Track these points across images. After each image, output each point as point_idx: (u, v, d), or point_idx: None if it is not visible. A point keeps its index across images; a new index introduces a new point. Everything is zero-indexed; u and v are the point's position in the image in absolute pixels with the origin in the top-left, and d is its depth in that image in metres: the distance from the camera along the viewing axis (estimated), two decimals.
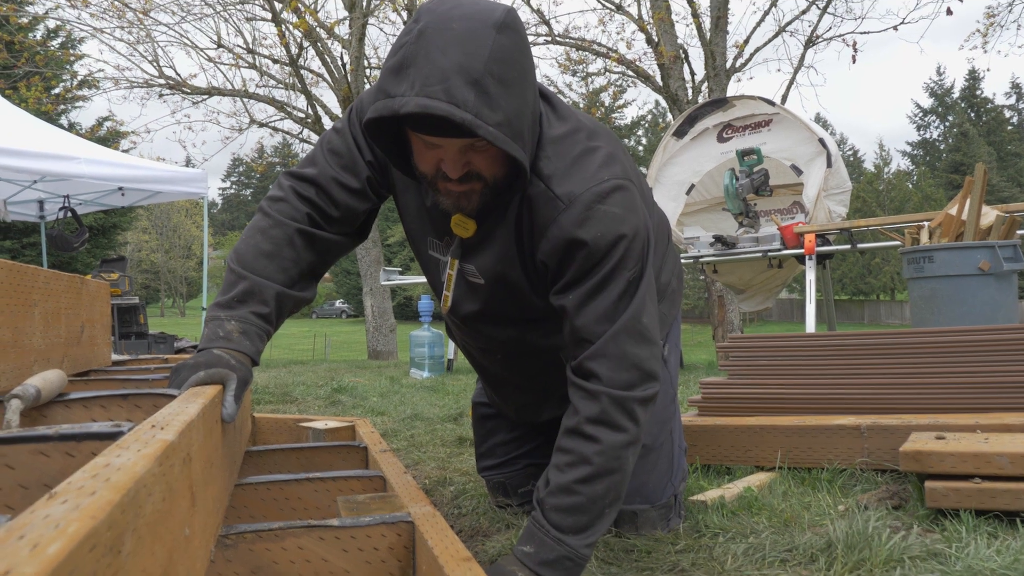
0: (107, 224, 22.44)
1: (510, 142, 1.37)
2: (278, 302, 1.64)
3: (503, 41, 1.35)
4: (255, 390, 5.51)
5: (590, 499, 1.51)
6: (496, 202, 1.59)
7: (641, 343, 1.55)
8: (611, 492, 1.53)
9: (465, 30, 1.34)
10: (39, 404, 1.34)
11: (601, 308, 1.54)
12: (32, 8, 15.17)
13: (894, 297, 44.97)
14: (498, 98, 1.34)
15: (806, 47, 12.57)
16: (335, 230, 1.73)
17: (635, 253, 1.54)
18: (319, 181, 1.70)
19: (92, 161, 8.45)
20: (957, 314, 4.24)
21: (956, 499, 1.84)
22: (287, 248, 1.66)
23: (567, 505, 1.51)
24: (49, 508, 0.57)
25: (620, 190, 1.54)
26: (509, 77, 1.36)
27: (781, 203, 7.65)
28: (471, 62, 1.32)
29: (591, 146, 1.58)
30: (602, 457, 1.52)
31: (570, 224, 1.51)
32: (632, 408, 1.53)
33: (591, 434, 1.53)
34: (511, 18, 1.39)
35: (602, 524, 1.54)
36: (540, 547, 1.51)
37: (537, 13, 13.21)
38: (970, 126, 51.34)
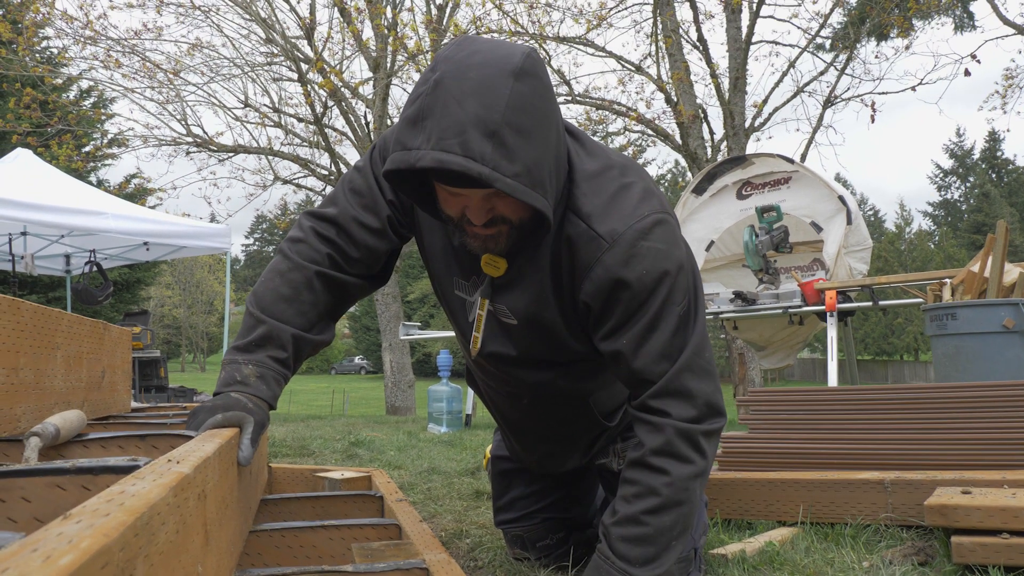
0: (131, 279, 22.73)
1: (530, 192, 1.36)
2: (296, 346, 1.63)
3: (521, 88, 1.34)
4: (272, 443, 5.49)
5: (657, 530, 1.52)
6: (526, 242, 1.57)
7: (704, 378, 1.56)
8: (678, 524, 1.54)
9: (482, 79, 1.33)
10: (58, 443, 1.34)
11: (658, 346, 1.54)
12: (66, 69, 15.60)
13: (918, 357, 44.43)
14: (516, 149, 1.33)
15: (824, 107, 12.66)
16: (355, 271, 1.72)
17: (682, 286, 1.54)
18: (339, 221, 1.69)
19: (119, 216, 8.62)
20: (982, 371, 4.18)
21: (984, 555, 1.80)
22: (306, 292, 1.66)
23: (634, 535, 1.52)
24: (63, 527, 0.57)
25: (661, 224, 1.54)
26: (528, 125, 1.34)
27: (801, 260, 7.63)
28: (488, 114, 1.31)
29: (626, 182, 1.57)
30: (670, 489, 1.52)
31: (615, 263, 1.51)
32: (698, 440, 1.54)
33: (658, 466, 1.53)
34: (530, 63, 1.38)
35: (668, 557, 1.54)
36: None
37: (558, 74, 13.43)
38: (991, 187, 51.23)
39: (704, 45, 12.62)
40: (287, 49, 13.03)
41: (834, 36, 14.11)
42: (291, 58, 13.07)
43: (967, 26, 15.68)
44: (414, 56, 12.76)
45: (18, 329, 1.46)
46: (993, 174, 53.93)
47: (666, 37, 12.35)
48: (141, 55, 13.17)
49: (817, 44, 13.71)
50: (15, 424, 1.44)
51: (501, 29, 12.83)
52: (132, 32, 13.37)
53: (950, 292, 4.70)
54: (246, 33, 14.05)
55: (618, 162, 1.62)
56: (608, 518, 1.58)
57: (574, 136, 1.63)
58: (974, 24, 15.73)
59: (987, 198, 50.14)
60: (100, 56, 13.09)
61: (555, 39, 12.92)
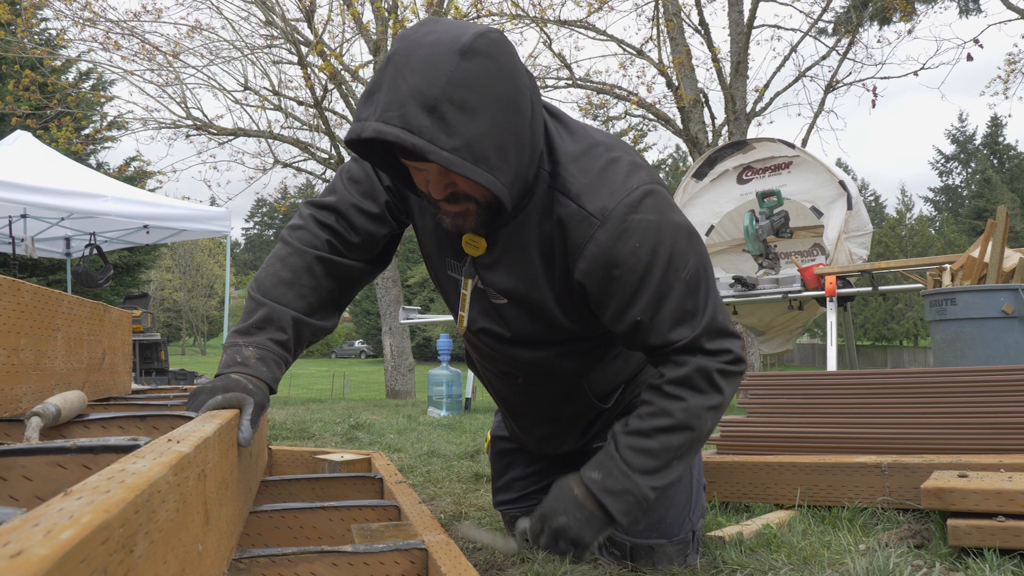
0: (131, 262, 22.73)
1: (469, 166, 1.38)
2: (296, 329, 1.66)
3: (467, 66, 1.37)
4: (272, 425, 5.51)
5: (664, 447, 1.60)
6: (498, 221, 1.60)
7: (722, 338, 1.62)
8: (684, 447, 1.62)
9: (428, 55, 1.37)
10: (59, 423, 1.35)
11: (670, 315, 1.58)
12: (65, 51, 15.53)
13: (917, 343, 44.48)
14: (456, 123, 1.36)
15: (826, 92, 12.62)
16: (355, 256, 1.77)
17: (681, 252, 1.56)
18: (339, 208, 1.74)
19: (119, 199, 8.61)
20: (980, 357, 4.19)
21: (979, 537, 1.81)
22: (306, 276, 1.69)
23: (641, 447, 1.60)
24: (64, 502, 0.57)
25: (650, 195, 1.56)
26: (472, 102, 1.37)
27: (801, 245, 7.63)
28: (429, 88, 1.35)
29: (612, 157, 1.59)
30: (684, 413, 1.60)
31: (608, 240, 1.53)
32: (714, 377, 1.61)
33: (674, 393, 1.61)
34: (481, 43, 1.40)
35: (668, 474, 1.62)
36: (607, 476, 1.61)
37: (559, 57, 13.37)
38: (993, 172, 51.11)
39: (706, 29, 12.56)
40: (287, 32, 12.98)
41: (836, 20, 14.05)
42: (291, 41, 13.01)
43: (971, 10, 15.61)
44: None
45: (19, 310, 1.47)
46: (995, 160, 53.79)
47: (667, 20, 12.29)
48: (140, 37, 13.12)
49: (819, 28, 13.66)
50: (16, 404, 1.45)
51: (502, 12, 12.76)
52: (131, 14, 13.32)
53: (950, 277, 4.70)
54: (246, 15, 13.96)
55: (602, 140, 1.64)
56: (619, 427, 1.66)
57: (556, 118, 1.65)
58: (979, 8, 15.65)
59: (988, 184, 50.04)
60: (99, 38, 13.05)
61: (556, 22, 12.85)
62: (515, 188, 1.50)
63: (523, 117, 1.47)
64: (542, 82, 13.72)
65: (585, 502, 1.62)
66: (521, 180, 1.52)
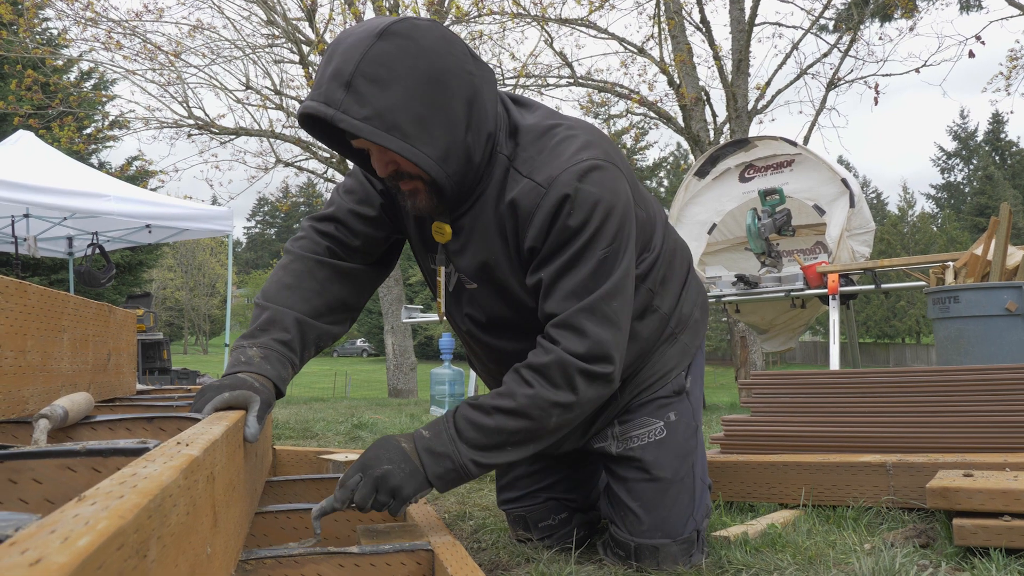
0: (133, 261, 22.72)
1: (380, 133, 1.49)
2: (300, 329, 1.72)
3: (383, 46, 1.50)
4: (275, 425, 5.52)
5: (498, 427, 1.62)
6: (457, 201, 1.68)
7: (603, 324, 1.62)
8: (520, 435, 1.63)
9: (351, 41, 1.52)
10: (66, 425, 1.35)
11: (571, 285, 1.62)
12: (67, 51, 15.53)
13: (920, 341, 44.45)
14: (368, 95, 1.48)
15: (828, 89, 12.60)
16: (357, 260, 1.84)
17: (609, 231, 1.61)
18: (337, 216, 1.84)
19: (121, 199, 8.62)
20: (984, 355, 4.19)
21: (985, 537, 1.81)
22: (308, 279, 1.78)
23: (477, 421, 1.62)
24: (79, 508, 0.57)
25: (597, 169, 1.62)
26: (385, 76, 1.49)
27: (804, 243, 7.63)
28: (346, 67, 1.49)
29: (569, 135, 1.68)
30: (528, 401, 1.62)
31: (551, 205, 1.60)
32: (573, 376, 1.61)
33: (527, 379, 1.63)
34: (401, 26, 1.53)
35: (499, 456, 1.64)
36: (435, 438, 1.63)
37: (560, 56, 13.36)
38: (995, 169, 51.05)
39: (707, 27, 12.55)
40: (288, 31, 12.98)
41: (838, 17, 14.04)
42: (292, 40, 13.02)
43: (972, 6, 15.58)
44: None
45: (25, 312, 1.47)
46: (997, 156, 53.72)
47: (669, 18, 12.28)
48: (142, 36, 13.12)
49: (820, 25, 13.64)
50: (23, 406, 1.45)
51: (503, 11, 12.76)
52: (133, 13, 13.31)
53: (953, 275, 4.70)
54: (247, 14, 13.99)
55: (565, 122, 1.72)
56: (469, 399, 1.69)
57: (521, 105, 1.76)
58: (980, 4, 15.62)
59: (990, 180, 49.98)
60: (101, 38, 13.05)
61: (557, 20, 12.84)
62: (451, 164, 1.59)
63: (450, 94, 1.55)
64: (543, 80, 13.72)
65: (411, 455, 1.62)
66: (460, 157, 1.60)
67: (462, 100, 1.57)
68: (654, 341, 1.94)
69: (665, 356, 1.96)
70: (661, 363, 1.95)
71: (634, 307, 1.85)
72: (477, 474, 1.64)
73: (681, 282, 1.99)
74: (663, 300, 1.93)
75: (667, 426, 1.93)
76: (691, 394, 1.99)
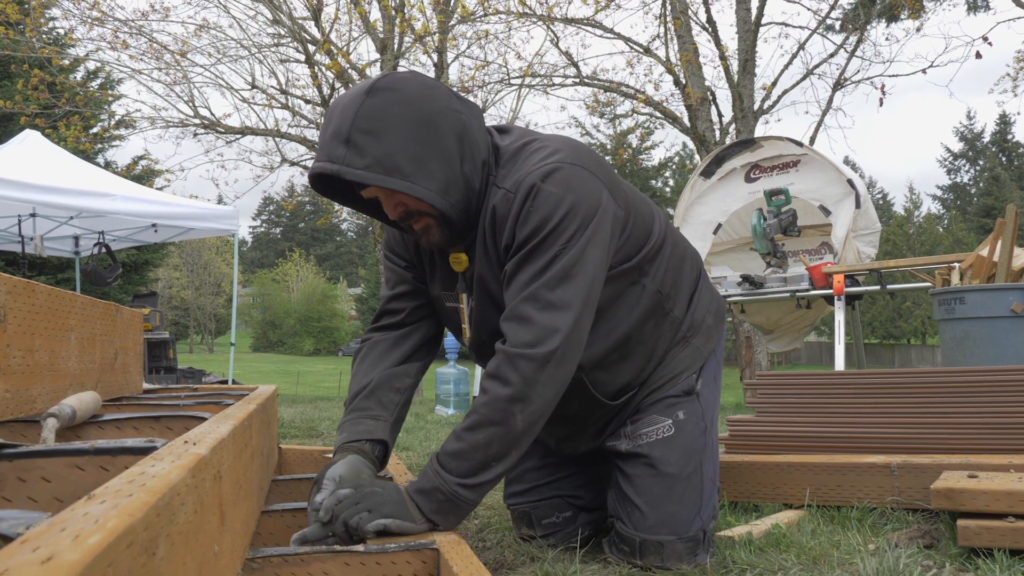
0: (139, 260, 22.78)
1: (382, 177, 1.63)
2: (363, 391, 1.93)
3: (373, 101, 1.64)
4: (280, 424, 5.53)
5: (471, 446, 1.66)
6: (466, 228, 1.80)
7: (547, 310, 1.67)
8: (493, 444, 1.66)
9: (344, 103, 1.67)
10: (74, 424, 1.36)
11: (524, 278, 1.70)
12: (73, 50, 15.57)
13: (925, 342, 44.32)
14: (365, 146, 1.62)
15: (834, 90, 12.57)
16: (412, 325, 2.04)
17: (568, 229, 1.68)
18: (384, 309, 2.06)
19: (127, 198, 8.63)
20: (989, 356, 4.18)
21: (989, 538, 1.81)
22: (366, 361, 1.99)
23: (452, 450, 1.67)
24: (88, 507, 0.58)
25: (559, 171, 1.70)
26: (378, 127, 1.63)
27: (809, 244, 7.62)
28: (343, 125, 1.63)
29: (539, 147, 1.79)
30: (486, 408, 1.67)
31: (517, 205, 1.70)
32: (519, 364, 1.65)
33: (484, 387, 1.70)
34: (384, 82, 1.68)
35: (486, 475, 1.67)
36: (422, 477, 1.69)
37: (566, 55, 13.35)
38: (1001, 170, 50.86)
39: (713, 27, 12.52)
40: (294, 30, 12.99)
41: (844, 17, 14.00)
42: (298, 39, 13.02)
43: (979, 7, 15.53)
44: (421, 38, 12.71)
45: (33, 311, 1.48)
46: (1003, 157, 53.51)
47: (675, 18, 12.27)
48: (148, 36, 13.14)
49: (827, 26, 13.61)
50: (31, 405, 1.46)
51: (509, 10, 12.76)
52: (139, 13, 13.36)
53: (958, 276, 4.69)
54: (253, 14, 14.02)
55: (541, 138, 1.84)
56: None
57: (504, 132, 1.89)
58: (988, 5, 15.57)
59: (997, 182, 49.81)
60: (107, 37, 13.07)
61: (563, 20, 12.83)
62: (452, 194, 1.71)
63: (441, 132, 1.68)
64: (549, 80, 13.72)
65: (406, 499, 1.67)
66: (460, 187, 1.72)
67: (452, 136, 1.70)
68: (667, 344, 1.99)
69: (677, 359, 2.00)
70: (672, 365, 2.00)
71: (644, 310, 1.91)
72: (473, 499, 1.66)
73: (691, 288, 2.05)
74: (674, 304, 1.98)
75: (675, 424, 1.95)
76: (701, 395, 2.00)
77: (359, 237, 68.93)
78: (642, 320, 1.92)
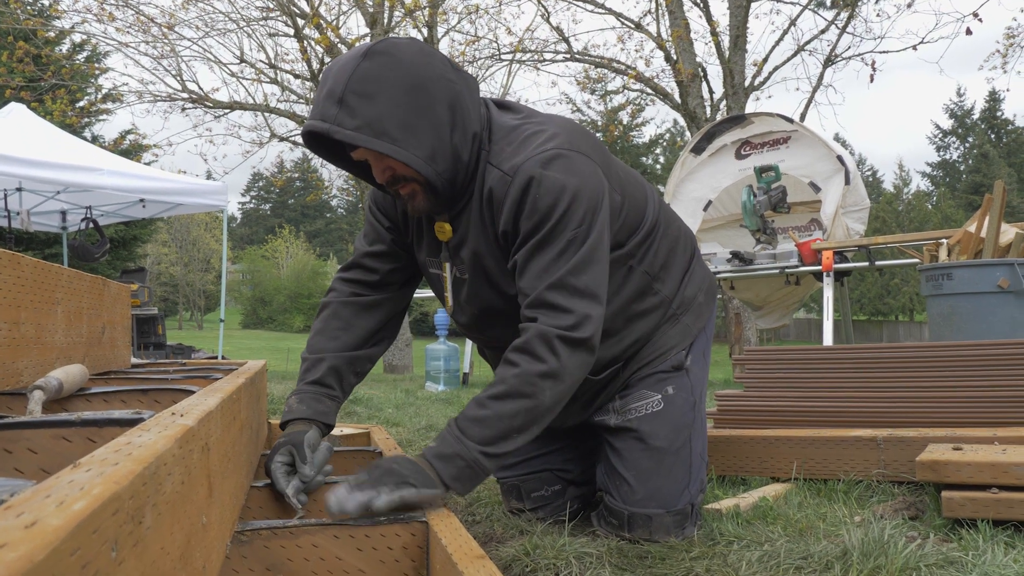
0: (127, 236, 22.64)
1: (371, 139, 1.64)
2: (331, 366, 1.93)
3: (368, 64, 1.66)
4: (271, 400, 5.53)
5: (497, 415, 1.64)
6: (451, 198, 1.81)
7: (575, 297, 1.69)
8: (520, 416, 1.65)
9: (341, 64, 1.69)
10: (61, 397, 1.36)
11: (541, 265, 1.71)
12: (59, 22, 15.38)
13: (913, 318, 44.55)
14: (357, 108, 1.64)
15: (825, 66, 12.55)
16: (382, 292, 2.03)
17: (576, 214, 1.70)
18: (357, 262, 2.05)
19: (115, 172, 8.56)
20: (976, 332, 4.21)
21: (973, 509, 1.83)
22: (333, 320, 1.99)
23: (475, 416, 1.66)
24: (74, 475, 0.58)
25: (561, 157, 1.72)
26: (371, 90, 1.65)
27: (799, 220, 7.63)
28: (337, 86, 1.65)
29: (537, 129, 1.79)
30: (517, 380, 1.66)
31: (518, 190, 1.71)
32: (553, 342, 1.67)
33: (512, 360, 1.69)
34: (383, 46, 1.70)
35: (507, 444, 1.66)
36: (441, 442, 1.66)
37: (556, 31, 13.28)
38: (990, 147, 50.94)
39: (704, 2, 12.47)
40: (283, 3, 12.85)
41: None
42: (287, 13, 12.90)
43: None
44: (411, 12, 12.61)
45: (19, 284, 1.47)
46: (992, 135, 53.58)
47: None
48: (135, 8, 12.98)
49: (818, 2, 13.55)
50: (17, 378, 1.46)
51: None
52: None
53: (946, 252, 4.71)
54: None
55: (539, 118, 1.85)
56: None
57: (504, 107, 1.90)
58: None
59: (986, 159, 49.90)
60: (93, 9, 12.91)
61: None
62: (439, 162, 1.71)
63: (432, 100, 1.69)
64: (540, 56, 13.64)
65: (423, 466, 1.60)
66: (448, 156, 1.72)
67: (444, 105, 1.71)
68: (656, 322, 2.00)
69: (666, 336, 2.01)
70: (662, 342, 2.01)
71: (632, 290, 1.93)
72: (491, 468, 1.65)
73: (684, 267, 2.06)
74: (664, 284, 1.99)
75: (665, 399, 1.96)
76: (690, 371, 2.02)
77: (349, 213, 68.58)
78: (629, 300, 1.93)
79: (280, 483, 1.71)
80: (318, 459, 1.75)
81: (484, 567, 1.20)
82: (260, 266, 61.77)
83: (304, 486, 1.73)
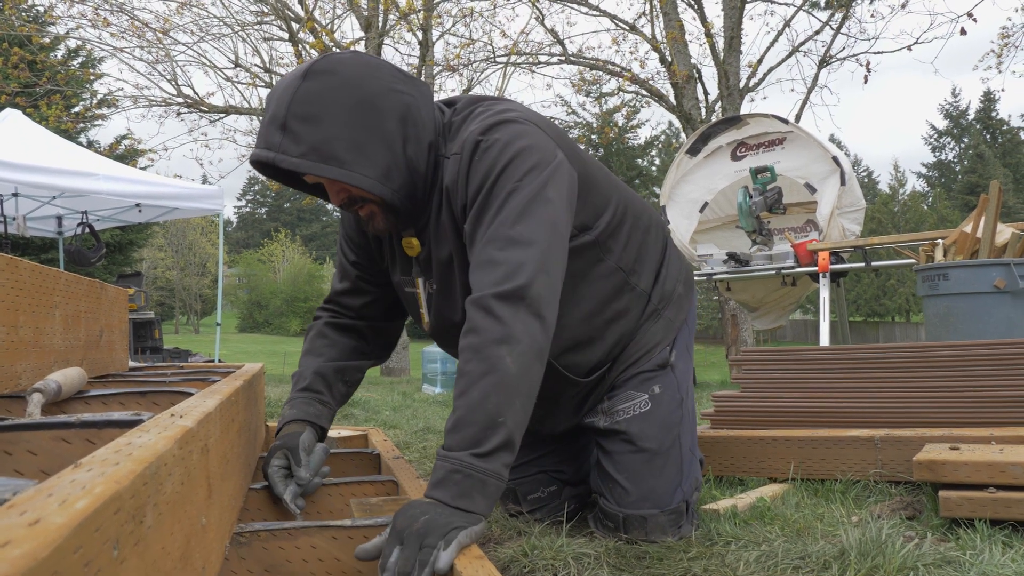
0: (124, 241, 22.63)
1: (318, 165, 1.57)
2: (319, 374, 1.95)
3: (309, 85, 1.59)
4: (268, 403, 5.52)
5: (468, 409, 1.46)
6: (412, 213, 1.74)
7: (509, 247, 1.56)
8: (490, 396, 1.46)
9: (281, 87, 1.62)
10: (59, 399, 1.36)
11: (483, 228, 1.62)
12: (54, 28, 15.37)
13: (909, 319, 44.64)
14: (302, 132, 1.57)
15: (820, 67, 12.59)
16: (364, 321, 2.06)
17: (519, 169, 1.62)
18: (333, 299, 2.07)
19: (110, 178, 8.56)
20: (973, 332, 4.22)
21: (970, 508, 1.83)
22: (319, 339, 2.01)
23: (451, 424, 1.47)
24: (76, 474, 0.58)
25: (502, 124, 1.67)
26: (315, 112, 1.58)
27: (795, 221, 7.65)
28: (279, 111, 1.59)
29: (485, 108, 1.75)
30: (471, 363, 1.49)
31: (466, 161, 1.66)
32: (491, 305, 1.51)
33: (463, 345, 1.53)
34: (322, 65, 1.62)
35: (495, 436, 1.45)
36: (434, 472, 1.45)
37: (551, 33, 13.30)
38: (986, 147, 51.07)
39: (699, 4, 12.50)
40: (278, 8, 12.87)
41: None
42: (282, 17, 12.91)
43: None
44: (406, 15, 12.62)
45: (17, 287, 1.47)
46: (987, 135, 53.73)
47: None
48: (129, 13, 12.99)
49: (812, 3, 13.59)
50: (16, 381, 1.46)
51: None
52: None
53: (942, 253, 4.72)
54: None
55: (487, 101, 1.80)
56: None
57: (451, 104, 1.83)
58: None
59: (981, 159, 50.03)
60: (88, 14, 12.91)
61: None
62: (394, 179, 1.65)
63: (381, 115, 1.63)
64: (534, 58, 13.66)
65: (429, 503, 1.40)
66: (403, 171, 1.66)
67: (395, 118, 1.64)
68: (636, 319, 1.97)
69: (649, 332, 1.98)
70: (646, 339, 1.98)
71: (608, 289, 1.89)
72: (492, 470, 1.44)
73: (658, 258, 2.01)
74: (640, 278, 1.95)
75: (652, 399, 1.95)
76: (676, 367, 2.00)
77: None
78: (607, 300, 1.88)
79: (278, 488, 1.71)
80: (314, 461, 1.76)
81: (483, 567, 1.20)
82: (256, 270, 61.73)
83: (301, 490, 1.73)
